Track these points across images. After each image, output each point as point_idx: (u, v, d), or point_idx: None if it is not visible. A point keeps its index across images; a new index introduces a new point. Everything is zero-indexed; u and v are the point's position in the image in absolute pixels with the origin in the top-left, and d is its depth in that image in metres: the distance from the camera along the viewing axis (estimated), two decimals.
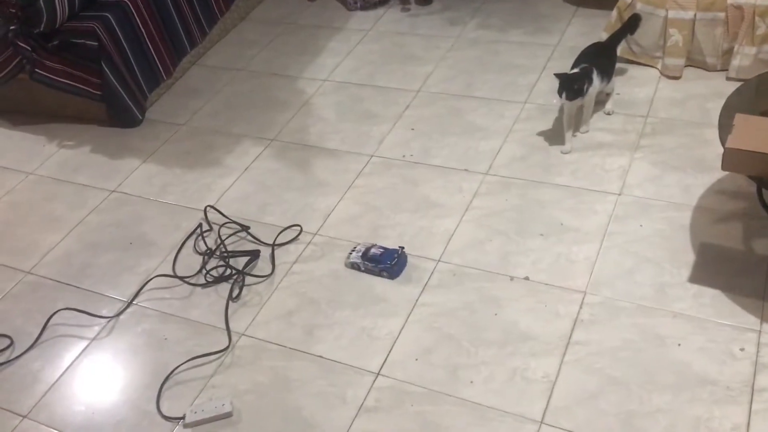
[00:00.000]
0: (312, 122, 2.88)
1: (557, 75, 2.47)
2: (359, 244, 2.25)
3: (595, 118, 2.66)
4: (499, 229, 2.28)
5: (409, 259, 2.22)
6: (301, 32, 3.49)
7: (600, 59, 2.57)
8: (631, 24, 2.70)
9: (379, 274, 2.17)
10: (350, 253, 2.23)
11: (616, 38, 2.69)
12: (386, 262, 2.16)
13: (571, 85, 2.42)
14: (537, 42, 3.13)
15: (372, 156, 2.65)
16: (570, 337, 1.93)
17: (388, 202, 2.45)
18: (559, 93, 2.44)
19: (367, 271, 2.19)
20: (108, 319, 2.17)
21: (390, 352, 1.96)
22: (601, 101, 2.69)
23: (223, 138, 2.87)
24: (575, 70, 2.50)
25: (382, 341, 1.99)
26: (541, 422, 1.75)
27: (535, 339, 1.94)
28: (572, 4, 3.33)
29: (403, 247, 2.21)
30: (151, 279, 2.27)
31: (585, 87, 2.43)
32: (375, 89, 3.01)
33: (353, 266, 2.21)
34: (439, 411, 1.80)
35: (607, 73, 2.58)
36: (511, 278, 2.12)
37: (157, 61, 3.06)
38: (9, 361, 2.09)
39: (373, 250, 2.20)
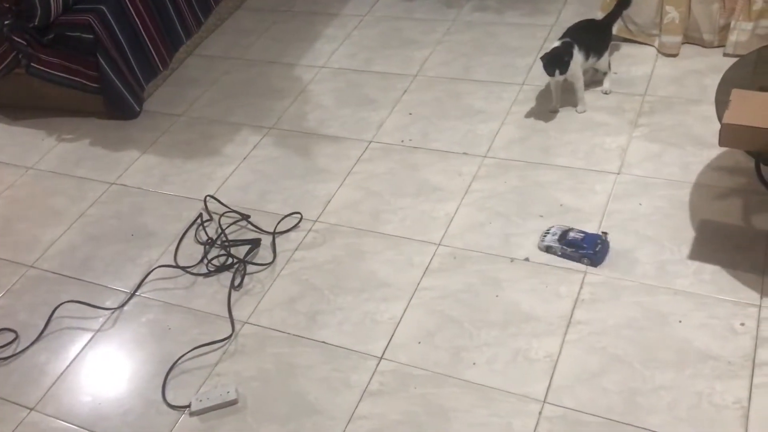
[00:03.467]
0: (310, 109, 2.88)
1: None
2: (553, 226, 2.11)
3: (592, 97, 2.65)
4: (499, 211, 2.28)
5: (411, 243, 2.22)
6: (297, 19, 3.48)
7: (586, 35, 2.57)
8: (624, 1, 2.68)
9: (579, 260, 2.04)
10: (544, 236, 2.09)
11: (610, 17, 2.68)
12: (589, 248, 2.02)
13: (550, 60, 2.44)
14: (534, 23, 3.11)
15: (371, 142, 2.65)
16: (571, 317, 1.94)
17: (388, 187, 2.45)
18: (544, 68, 2.48)
19: (565, 256, 2.05)
20: (112, 311, 2.19)
21: (393, 336, 1.98)
22: (598, 80, 2.68)
23: (222, 127, 2.87)
24: (555, 44, 2.52)
25: (384, 325, 2.00)
26: (544, 401, 1.76)
27: (537, 319, 1.95)
28: None
29: (606, 233, 2.07)
30: (153, 270, 2.28)
31: (566, 61, 2.44)
32: (372, 74, 3.01)
33: (548, 250, 2.06)
34: (443, 393, 1.81)
35: (595, 50, 2.58)
36: (512, 260, 2.12)
37: (153, 53, 3.06)
38: (15, 354, 2.10)
39: (571, 234, 2.05)
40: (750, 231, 2.08)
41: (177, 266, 2.28)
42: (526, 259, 2.11)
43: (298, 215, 2.39)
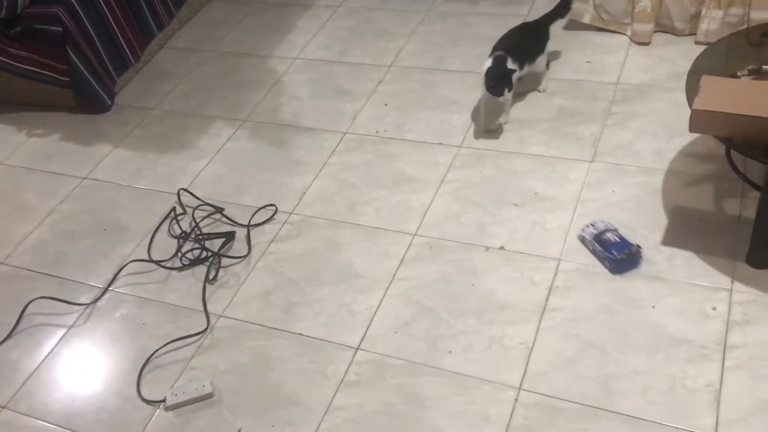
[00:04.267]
0: (284, 101, 2.86)
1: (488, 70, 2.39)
2: (601, 221, 2.07)
3: (566, 86, 2.66)
4: (474, 201, 2.29)
5: (387, 234, 2.22)
6: (270, 11, 3.45)
7: (520, 43, 2.50)
8: (563, 6, 2.66)
9: (602, 262, 2.01)
10: (586, 227, 2.07)
11: (546, 19, 2.63)
12: (614, 253, 1.97)
13: (498, 81, 2.35)
14: (508, 13, 3.11)
15: (346, 133, 2.64)
16: (546, 304, 1.95)
17: (364, 178, 2.44)
18: (490, 90, 2.38)
19: (594, 252, 2.03)
20: (85, 306, 2.16)
21: (369, 326, 1.97)
22: (534, 79, 2.65)
23: (195, 120, 2.84)
24: (489, 62, 2.41)
25: (361, 316, 2.00)
26: (520, 388, 1.77)
27: (512, 307, 1.95)
28: None
29: (640, 247, 1.98)
30: (126, 264, 2.26)
31: (510, 78, 2.36)
32: (347, 66, 2.99)
33: (582, 240, 2.06)
34: (420, 382, 1.81)
35: (530, 56, 2.51)
36: (487, 248, 2.13)
37: (125, 45, 3.02)
38: None
39: (608, 234, 2.01)
40: (721, 216, 2.11)
41: (151, 260, 2.26)
42: (501, 248, 2.12)
43: (273, 207, 2.38)
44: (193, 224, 2.35)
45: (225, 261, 2.22)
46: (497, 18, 3.10)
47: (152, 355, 1.98)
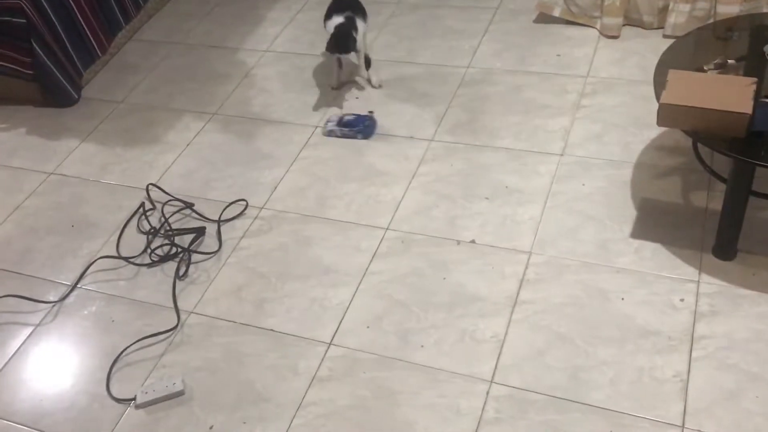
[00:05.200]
0: (254, 94, 2.83)
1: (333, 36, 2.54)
2: (332, 116, 2.55)
3: (536, 79, 2.68)
4: (445, 194, 2.29)
5: (358, 229, 2.22)
6: (240, 2, 3.41)
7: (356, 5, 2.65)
8: None
9: (354, 137, 2.47)
10: (326, 124, 2.51)
11: None
12: (360, 125, 2.47)
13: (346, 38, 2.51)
14: (478, 5, 3.12)
15: (317, 127, 2.63)
16: (517, 297, 1.96)
17: (335, 172, 2.43)
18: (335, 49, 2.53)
19: (344, 135, 2.48)
20: (52, 304, 2.13)
21: (341, 321, 1.97)
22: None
23: (164, 114, 2.80)
24: (341, 20, 2.54)
25: (333, 311, 2.00)
26: (491, 381, 1.78)
27: (483, 300, 1.96)
28: None
29: (372, 111, 2.52)
30: (94, 261, 2.23)
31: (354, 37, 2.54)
32: (316, 58, 2.98)
33: (330, 134, 2.48)
34: (392, 376, 1.82)
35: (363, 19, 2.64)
36: (458, 242, 2.13)
37: (91, 37, 2.97)
38: None
39: (346, 117, 2.52)
40: (689, 208, 2.13)
41: (119, 257, 2.23)
42: (472, 242, 2.13)
43: (244, 202, 2.36)
44: (163, 220, 2.32)
45: (195, 257, 2.20)
46: (467, 11, 3.10)
47: (122, 352, 1.95)
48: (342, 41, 2.50)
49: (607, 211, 2.15)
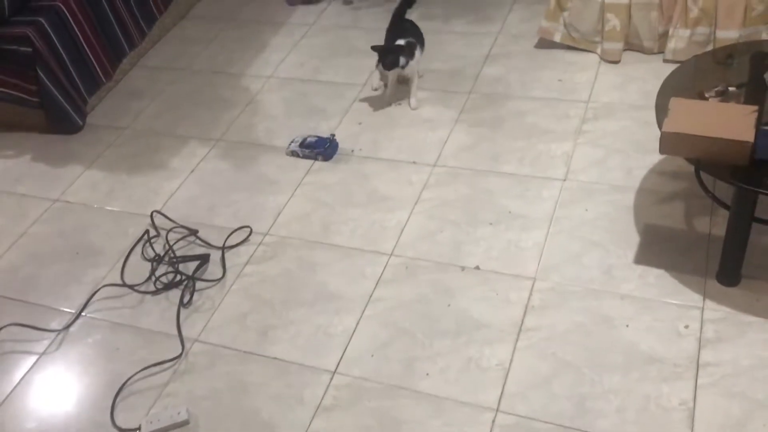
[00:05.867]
0: (258, 120, 2.85)
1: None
2: (297, 136, 2.64)
3: (538, 104, 2.69)
4: (449, 220, 2.30)
5: (363, 254, 2.22)
6: (244, 28, 3.44)
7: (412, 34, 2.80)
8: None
9: (315, 158, 2.57)
10: (290, 144, 2.61)
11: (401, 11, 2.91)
12: (320, 148, 2.56)
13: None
14: (480, 31, 3.15)
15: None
16: (522, 324, 1.96)
17: (339, 197, 2.44)
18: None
19: (305, 156, 2.59)
20: (57, 332, 2.13)
21: (346, 349, 1.97)
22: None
23: (168, 140, 2.82)
24: (402, 43, 2.70)
25: (338, 338, 2.00)
26: (497, 410, 1.77)
27: (488, 327, 1.96)
28: None
29: (334, 134, 2.61)
30: (99, 289, 2.23)
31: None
32: (321, 84, 3.00)
33: (293, 154, 2.60)
34: (397, 405, 1.81)
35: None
36: (463, 268, 2.14)
37: (96, 65, 2.99)
38: None
39: (309, 139, 2.61)
40: (692, 234, 2.14)
41: (124, 284, 2.23)
42: (477, 267, 2.13)
43: (248, 229, 2.36)
44: (167, 247, 2.32)
45: (199, 284, 2.20)
46: (469, 36, 3.13)
47: (126, 381, 1.95)
48: (391, 57, 2.65)
49: (611, 237, 2.16)
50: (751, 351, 1.81)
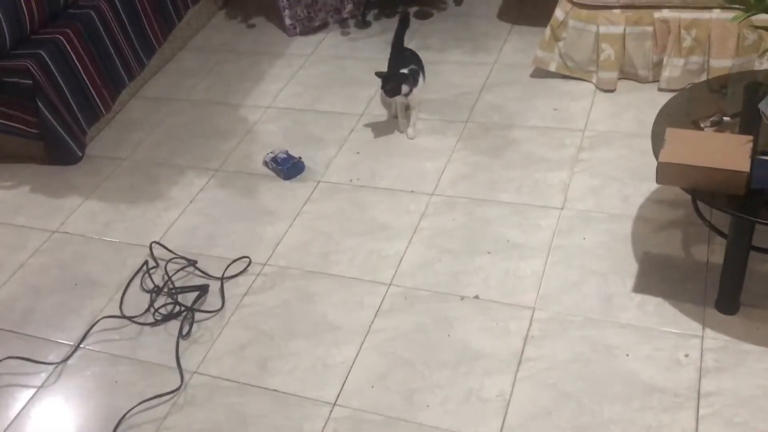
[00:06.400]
0: (257, 150, 2.87)
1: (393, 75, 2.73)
2: (278, 149, 2.73)
3: (534, 133, 2.71)
4: (447, 249, 2.30)
5: (361, 284, 2.22)
6: (242, 59, 3.48)
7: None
8: (403, 20, 2.97)
9: (278, 174, 2.67)
10: (267, 154, 2.73)
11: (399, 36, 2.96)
12: (283, 166, 2.66)
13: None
14: (476, 61, 3.18)
15: (319, 181, 2.65)
16: (522, 354, 1.95)
17: (337, 227, 2.45)
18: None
19: (272, 170, 2.70)
20: (55, 365, 2.12)
21: (345, 380, 1.96)
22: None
23: (167, 170, 2.83)
24: (405, 72, 2.73)
25: (337, 369, 1.99)
26: None
27: (488, 357, 1.96)
28: (508, 23, 3.40)
29: (300, 157, 2.70)
30: (98, 321, 2.22)
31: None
32: (319, 114, 3.02)
33: (265, 164, 2.73)
34: None
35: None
36: (462, 298, 2.14)
37: (95, 96, 3.01)
38: None
39: (281, 155, 2.70)
40: (690, 262, 2.15)
41: (123, 316, 2.23)
42: (476, 297, 2.13)
43: (247, 259, 2.37)
44: (166, 278, 2.32)
45: (198, 315, 2.20)
46: (465, 66, 3.16)
47: (125, 414, 1.94)
48: (392, 84, 2.68)
49: (609, 265, 2.16)
50: (752, 380, 1.81)
